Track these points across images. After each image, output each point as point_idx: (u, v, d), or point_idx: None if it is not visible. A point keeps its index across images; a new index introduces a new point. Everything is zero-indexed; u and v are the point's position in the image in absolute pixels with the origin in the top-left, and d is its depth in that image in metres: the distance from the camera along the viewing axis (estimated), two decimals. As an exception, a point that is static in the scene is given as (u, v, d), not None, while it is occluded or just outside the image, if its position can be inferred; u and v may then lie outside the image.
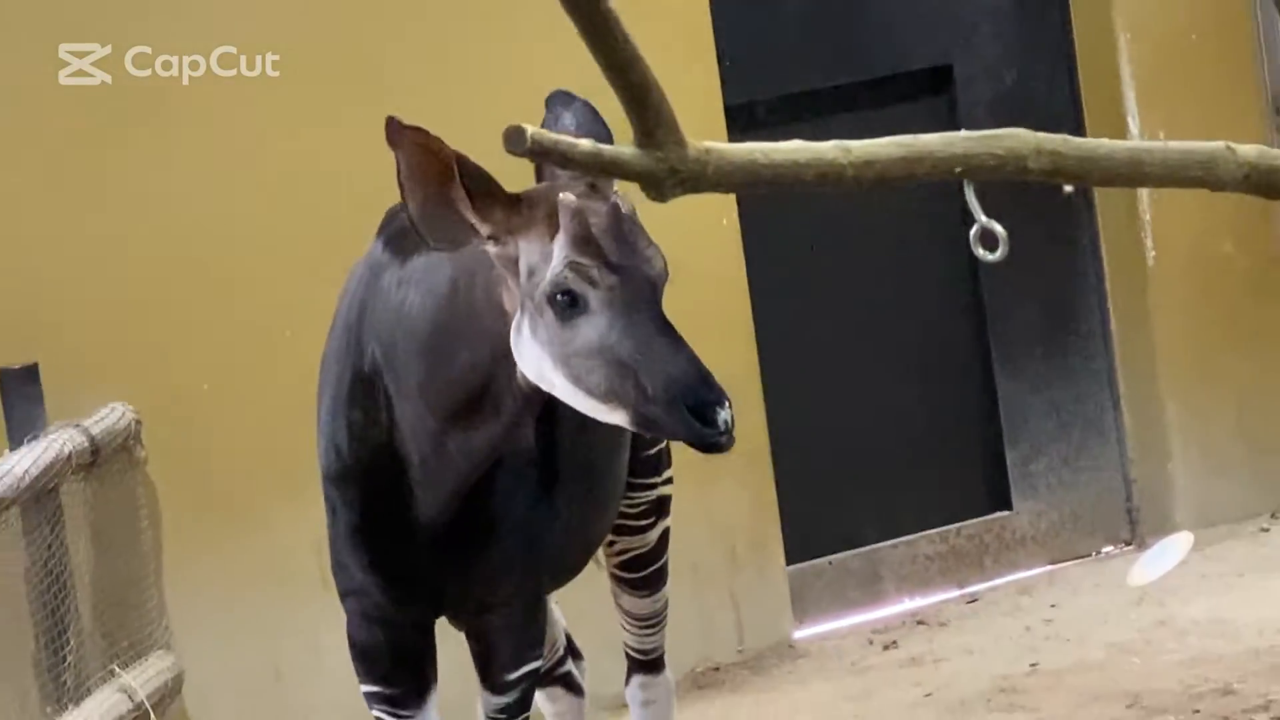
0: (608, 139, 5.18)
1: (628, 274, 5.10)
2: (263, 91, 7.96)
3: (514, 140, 4.33)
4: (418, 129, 4.96)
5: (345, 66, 8.18)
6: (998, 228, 5.10)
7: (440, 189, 5.01)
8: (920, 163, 4.90)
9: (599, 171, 4.73)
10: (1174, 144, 5.51)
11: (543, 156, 4.51)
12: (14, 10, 8.01)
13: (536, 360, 5.01)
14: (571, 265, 4.98)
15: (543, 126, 4.98)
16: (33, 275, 7.90)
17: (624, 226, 5.12)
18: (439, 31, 8.37)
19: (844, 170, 4.68)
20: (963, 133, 5.17)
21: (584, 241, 5.03)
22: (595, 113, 5.40)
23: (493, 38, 8.33)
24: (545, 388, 5.06)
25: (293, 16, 8.24)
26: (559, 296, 4.95)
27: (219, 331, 8.07)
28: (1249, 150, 5.08)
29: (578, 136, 4.94)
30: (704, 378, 4.99)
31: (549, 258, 4.97)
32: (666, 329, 5.07)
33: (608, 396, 4.99)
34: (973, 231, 5.16)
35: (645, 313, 5.10)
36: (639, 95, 4.39)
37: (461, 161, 4.96)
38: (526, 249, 5.02)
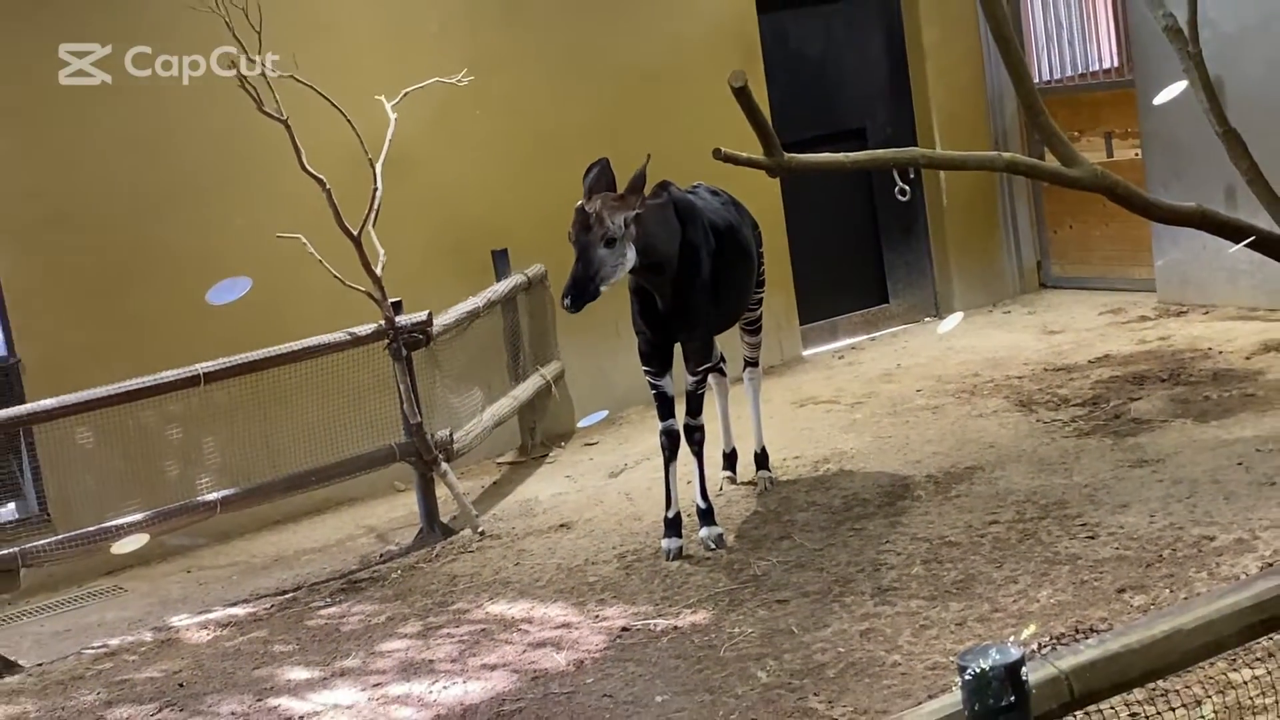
0: (611, 174, 5.46)
1: (578, 235, 5.35)
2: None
3: (716, 153, 4.54)
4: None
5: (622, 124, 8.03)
6: (908, 187, 6.07)
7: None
8: (875, 161, 5.34)
9: (748, 165, 4.70)
10: (976, 152, 6.18)
11: (727, 160, 4.56)
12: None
13: None
14: (570, 230, 5.40)
15: (592, 169, 5.48)
16: (508, 214, 7.94)
17: (583, 217, 5.34)
18: (663, 104, 8.33)
19: (844, 164, 4.91)
20: (892, 149, 5.72)
21: (573, 222, 5.37)
22: (608, 163, 5.53)
23: (694, 111, 8.17)
24: None
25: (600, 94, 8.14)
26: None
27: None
28: (1007, 155, 5.61)
29: (596, 173, 5.41)
30: (572, 281, 5.27)
31: None
32: (579, 261, 5.30)
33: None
34: (896, 189, 6.13)
35: (579, 252, 5.33)
36: (766, 134, 4.56)
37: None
38: None
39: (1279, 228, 5.04)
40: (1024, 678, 2.10)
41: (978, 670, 2.05)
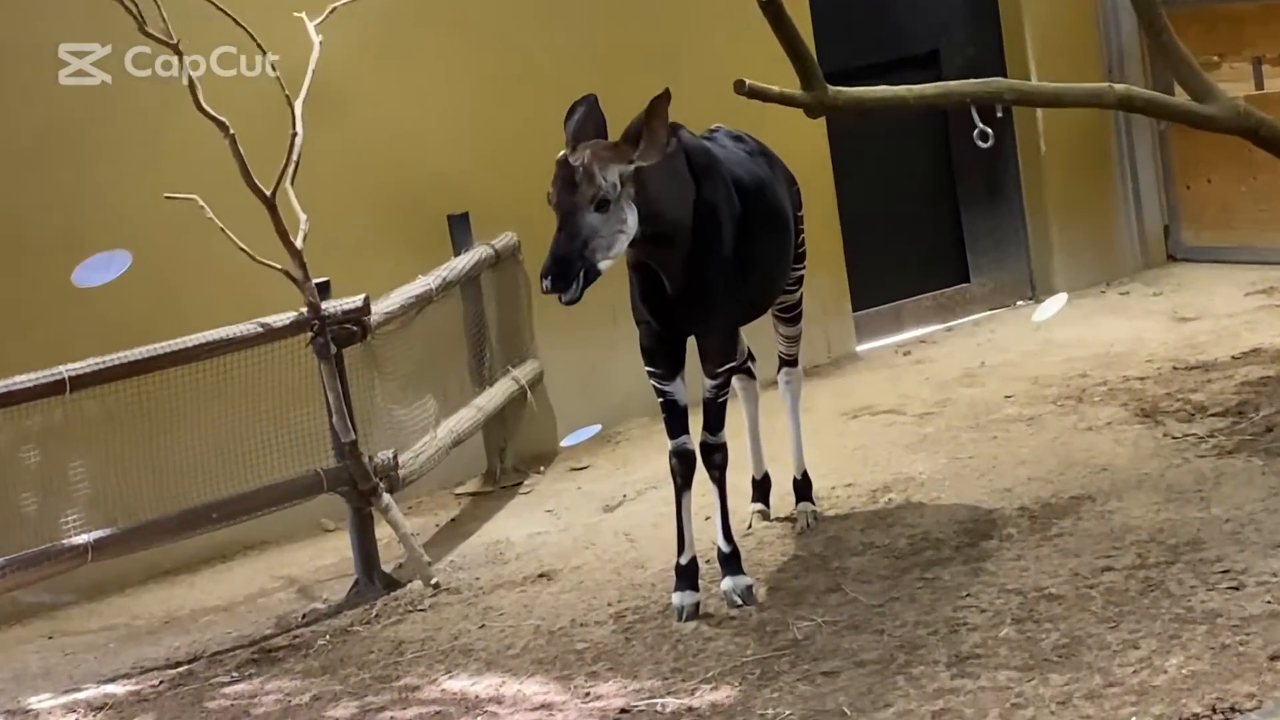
0: (600, 115, 5.56)
1: (560, 196, 5.37)
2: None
3: (739, 87, 4.79)
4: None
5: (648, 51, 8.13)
6: (990, 130, 6.05)
7: None
8: (948, 96, 5.36)
9: (780, 102, 4.92)
10: (1080, 84, 6.13)
11: (753, 95, 4.82)
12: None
13: None
14: (550, 190, 5.41)
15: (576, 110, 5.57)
16: (468, 168, 7.98)
17: (567, 172, 5.37)
18: (669, 25, 8.42)
19: (907, 101, 5.13)
20: (971, 80, 5.71)
21: (554, 179, 5.39)
22: (596, 101, 5.60)
23: (711, 34, 8.34)
24: None
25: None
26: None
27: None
28: (1120, 87, 5.53)
29: (581, 115, 5.51)
30: (552, 258, 5.30)
31: None
32: (561, 229, 5.34)
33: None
34: (975, 132, 6.09)
35: (561, 218, 5.35)
36: (805, 63, 4.77)
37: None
38: None
39: None
40: (1147, 775, 2.03)
41: (1086, 768, 1.99)
